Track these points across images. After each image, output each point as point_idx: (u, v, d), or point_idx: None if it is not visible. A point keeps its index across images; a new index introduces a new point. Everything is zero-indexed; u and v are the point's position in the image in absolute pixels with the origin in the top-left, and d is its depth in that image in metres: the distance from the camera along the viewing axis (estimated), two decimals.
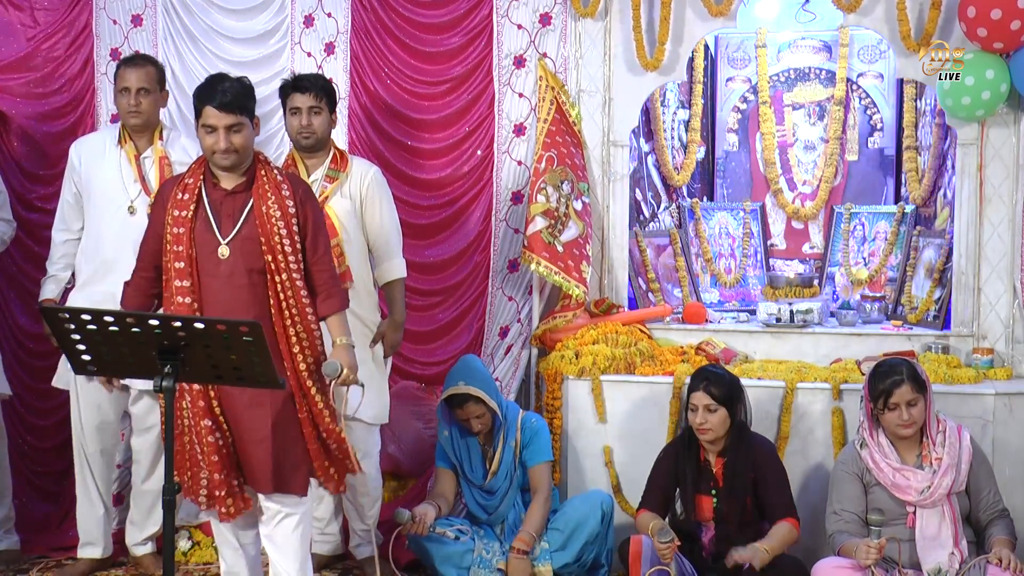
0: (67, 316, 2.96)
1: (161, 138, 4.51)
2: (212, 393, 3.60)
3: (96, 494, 4.57)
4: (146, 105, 4.45)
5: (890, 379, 3.85)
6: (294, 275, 3.62)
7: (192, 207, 3.62)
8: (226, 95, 3.59)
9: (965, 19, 4.50)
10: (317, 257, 3.72)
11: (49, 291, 4.56)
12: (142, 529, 4.63)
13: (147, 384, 4.20)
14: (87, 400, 4.49)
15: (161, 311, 3.67)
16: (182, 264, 3.60)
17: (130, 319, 2.95)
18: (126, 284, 3.79)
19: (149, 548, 4.63)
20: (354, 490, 4.49)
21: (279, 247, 3.60)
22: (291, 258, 3.62)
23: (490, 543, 4.39)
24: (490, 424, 4.40)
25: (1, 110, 5.24)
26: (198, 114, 3.64)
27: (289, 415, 3.62)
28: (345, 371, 3.63)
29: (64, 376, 4.56)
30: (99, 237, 4.46)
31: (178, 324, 2.96)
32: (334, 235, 4.24)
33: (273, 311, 3.61)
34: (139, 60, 4.55)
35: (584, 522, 4.34)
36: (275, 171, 3.71)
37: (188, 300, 3.59)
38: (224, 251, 3.61)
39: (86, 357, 3.05)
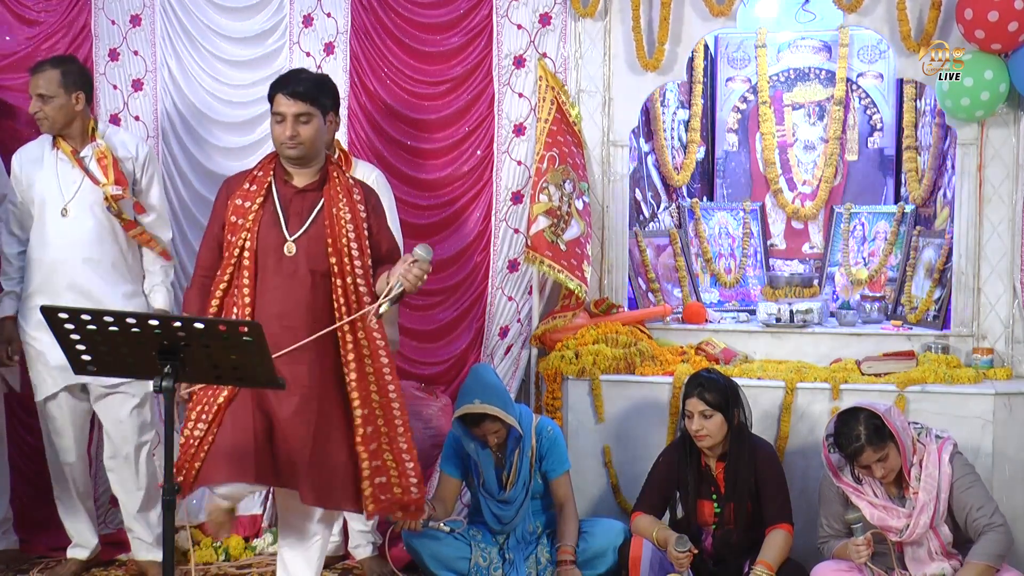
0: (67, 316, 2.97)
1: (94, 138, 4.43)
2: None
3: (78, 500, 4.58)
4: (50, 111, 4.39)
5: (851, 447, 3.80)
6: (359, 279, 3.56)
7: (260, 200, 3.57)
8: (299, 84, 3.56)
9: (963, 21, 4.50)
10: (382, 256, 3.65)
11: (8, 307, 4.48)
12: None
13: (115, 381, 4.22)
14: (54, 409, 4.48)
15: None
16: (243, 256, 3.54)
17: (130, 319, 2.95)
18: (187, 289, 3.73)
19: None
20: None
21: (346, 250, 3.54)
22: (357, 263, 3.56)
23: (488, 549, 4.33)
24: (505, 435, 4.30)
25: None
26: (271, 103, 3.60)
27: (327, 423, 3.55)
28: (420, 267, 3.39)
29: (40, 387, 4.50)
30: (42, 244, 4.40)
31: (178, 324, 2.96)
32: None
33: (336, 316, 3.53)
34: (41, 65, 4.47)
35: (602, 555, 4.29)
36: (348, 176, 3.69)
37: (247, 293, 3.52)
38: (291, 247, 3.55)
39: (86, 357, 3.05)
